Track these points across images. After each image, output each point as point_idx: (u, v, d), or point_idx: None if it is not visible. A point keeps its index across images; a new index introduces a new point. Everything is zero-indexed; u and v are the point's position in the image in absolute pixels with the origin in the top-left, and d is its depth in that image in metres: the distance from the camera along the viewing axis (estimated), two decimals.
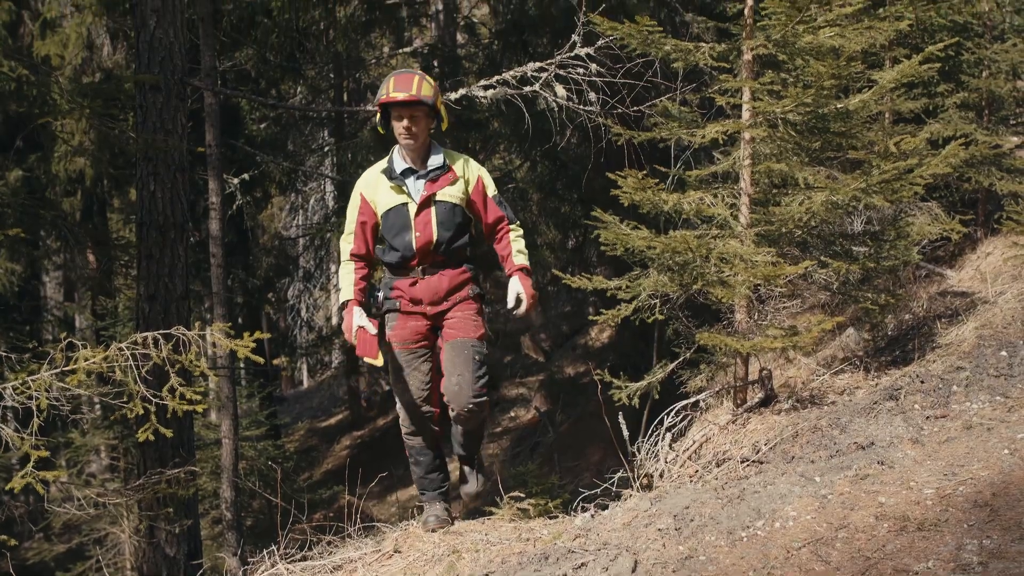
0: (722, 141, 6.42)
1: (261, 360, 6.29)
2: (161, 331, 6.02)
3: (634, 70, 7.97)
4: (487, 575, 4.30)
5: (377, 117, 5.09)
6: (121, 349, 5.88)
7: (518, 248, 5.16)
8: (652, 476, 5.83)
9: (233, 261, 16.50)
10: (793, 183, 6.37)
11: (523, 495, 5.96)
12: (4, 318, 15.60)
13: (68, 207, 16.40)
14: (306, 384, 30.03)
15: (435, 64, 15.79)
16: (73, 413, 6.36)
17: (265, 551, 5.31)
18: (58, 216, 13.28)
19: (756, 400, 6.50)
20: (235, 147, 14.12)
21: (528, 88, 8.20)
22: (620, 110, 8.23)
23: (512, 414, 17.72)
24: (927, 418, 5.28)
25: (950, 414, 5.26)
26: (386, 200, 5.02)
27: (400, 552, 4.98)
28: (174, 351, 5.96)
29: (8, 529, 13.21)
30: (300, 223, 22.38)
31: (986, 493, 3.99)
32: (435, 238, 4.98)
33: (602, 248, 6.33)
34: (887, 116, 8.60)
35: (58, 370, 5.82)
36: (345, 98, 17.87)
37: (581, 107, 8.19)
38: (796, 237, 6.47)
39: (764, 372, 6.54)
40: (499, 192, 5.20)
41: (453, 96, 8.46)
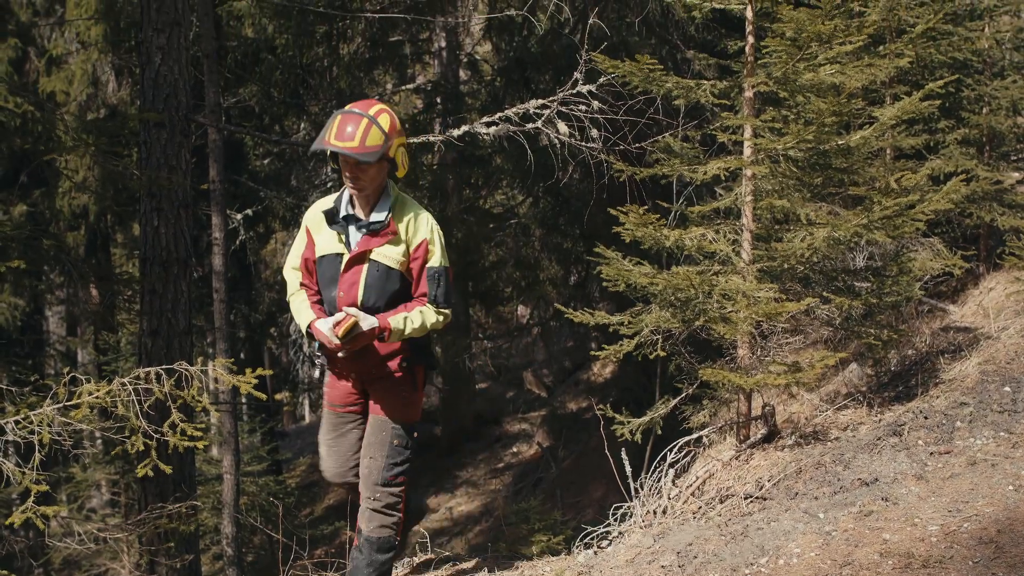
0: (724, 177, 6.45)
1: (264, 396, 6.29)
2: (164, 366, 6.01)
3: (636, 107, 8.01)
4: None
5: (329, 153, 4.36)
6: (123, 384, 5.88)
7: (410, 317, 4.35)
8: (655, 512, 5.81)
9: (236, 296, 16.53)
10: (795, 219, 6.39)
11: (526, 531, 5.94)
12: (7, 352, 15.61)
13: (72, 242, 16.45)
14: (308, 419, 29.96)
15: (438, 101, 15.87)
16: (75, 448, 6.35)
17: None
18: (61, 251, 13.28)
19: (759, 436, 6.49)
20: (238, 183, 14.18)
21: (530, 125, 8.25)
22: (622, 146, 8.27)
23: (514, 449, 17.67)
24: (931, 454, 5.26)
25: (954, 450, 5.25)
26: (324, 244, 4.46)
27: None
28: (176, 386, 5.95)
29: (8, 564, 13.13)
30: None
31: (991, 530, 3.97)
32: (359, 302, 4.34)
33: (604, 283, 6.34)
34: (888, 152, 8.64)
35: (60, 404, 5.81)
36: None
37: (583, 143, 8.23)
38: (798, 273, 6.48)
39: (767, 408, 6.53)
40: (446, 265, 4.47)
41: (456, 133, 8.51)
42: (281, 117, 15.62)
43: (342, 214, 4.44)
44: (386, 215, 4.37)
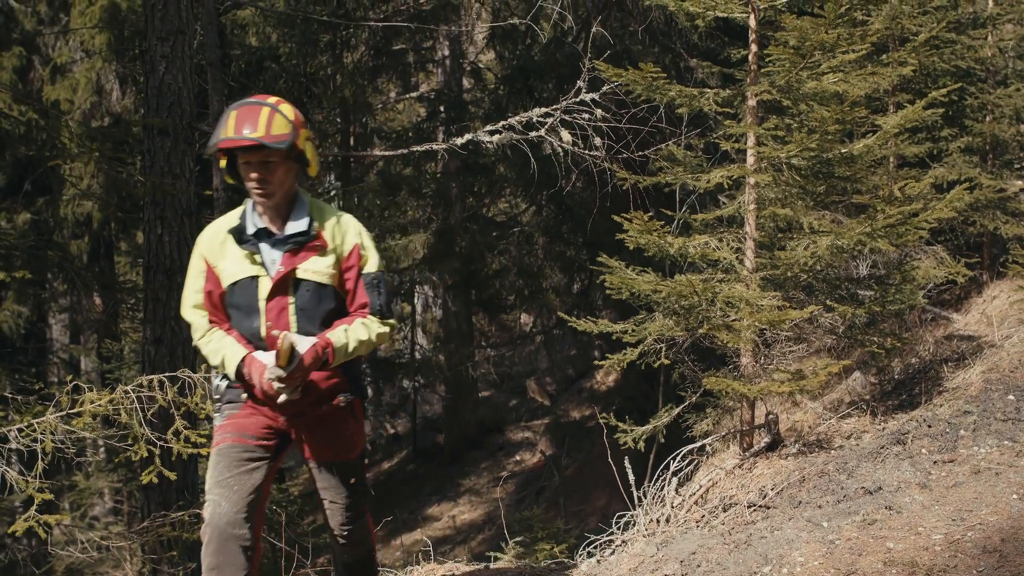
0: (727, 185, 6.45)
1: None
2: (167, 374, 6.03)
3: (639, 115, 8.02)
4: None
5: (222, 162, 3.81)
6: (126, 391, 5.89)
7: (351, 330, 3.76)
8: (658, 521, 5.80)
9: None
10: (798, 227, 6.39)
11: (528, 539, 5.92)
12: (10, 360, 15.60)
13: (75, 250, 16.48)
14: None
15: (441, 109, 15.91)
16: (78, 456, 6.35)
17: None
18: (65, 259, 13.30)
19: (763, 444, 6.48)
20: (241, 191, 14.18)
21: (534, 133, 8.26)
22: (625, 155, 8.28)
23: (517, 458, 17.66)
24: (935, 463, 5.25)
25: (958, 458, 5.24)
26: (232, 269, 3.73)
27: None
28: (180, 394, 5.96)
29: (11, 572, 13.12)
30: None
31: (995, 539, 3.96)
32: (289, 334, 3.61)
33: (607, 292, 6.34)
34: (891, 161, 8.64)
35: (63, 412, 5.82)
36: (352, 142, 17.98)
37: (586, 152, 8.24)
38: (801, 281, 6.48)
39: (770, 416, 6.52)
40: (382, 269, 3.91)
41: (459, 141, 8.52)
42: None
43: (250, 230, 3.74)
44: (308, 223, 3.73)
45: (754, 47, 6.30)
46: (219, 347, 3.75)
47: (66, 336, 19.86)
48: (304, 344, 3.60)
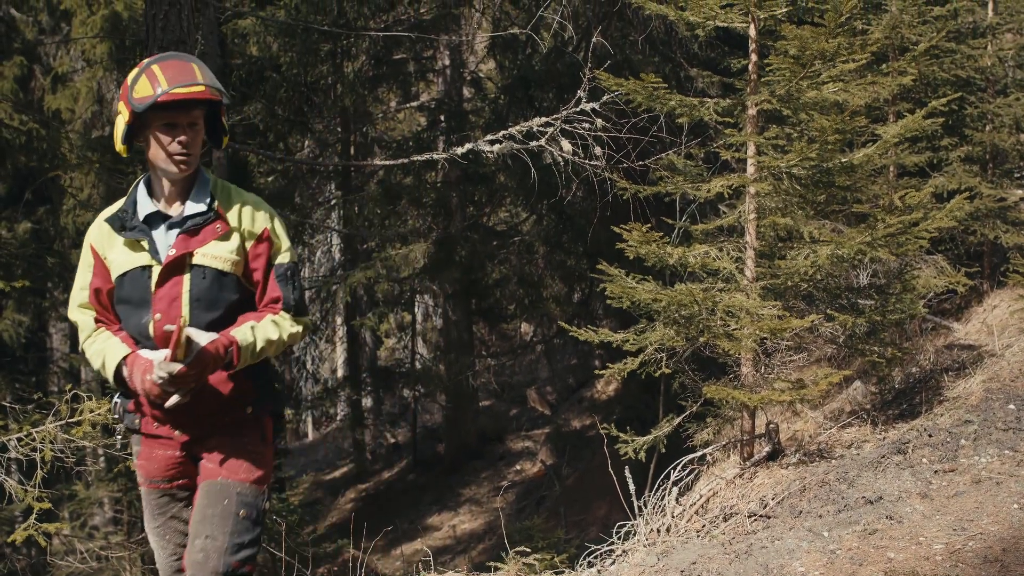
0: (727, 195, 6.45)
1: None
2: None
3: (639, 125, 8.03)
4: None
5: (120, 128, 3.26)
6: None
7: (260, 327, 3.29)
8: (659, 531, 5.79)
9: None
10: (798, 237, 6.39)
11: (529, 550, 5.92)
12: (10, 369, 15.61)
13: (75, 259, 16.48)
14: (311, 436, 29.92)
15: (442, 118, 15.92)
16: (77, 465, 6.34)
17: None
18: (65, 268, 13.31)
19: (763, 454, 6.47)
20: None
21: (534, 143, 8.26)
22: (626, 164, 8.28)
23: (518, 467, 17.63)
24: (935, 472, 5.25)
25: (958, 468, 5.23)
26: (121, 260, 3.29)
27: None
28: None
29: None
30: (306, 275, 22.46)
31: (996, 548, 3.96)
32: (186, 324, 3.15)
33: (608, 301, 6.34)
34: (891, 170, 8.65)
35: (63, 421, 5.82)
36: (352, 152, 18.01)
37: (587, 161, 8.24)
38: (802, 290, 6.48)
39: (771, 425, 6.52)
40: (295, 261, 3.41)
41: (460, 150, 8.52)
42: (285, 135, 15.68)
43: (141, 215, 3.29)
44: (209, 202, 3.29)
45: (754, 56, 6.31)
46: (102, 347, 3.29)
47: (66, 345, 19.86)
48: (203, 338, 3.12)
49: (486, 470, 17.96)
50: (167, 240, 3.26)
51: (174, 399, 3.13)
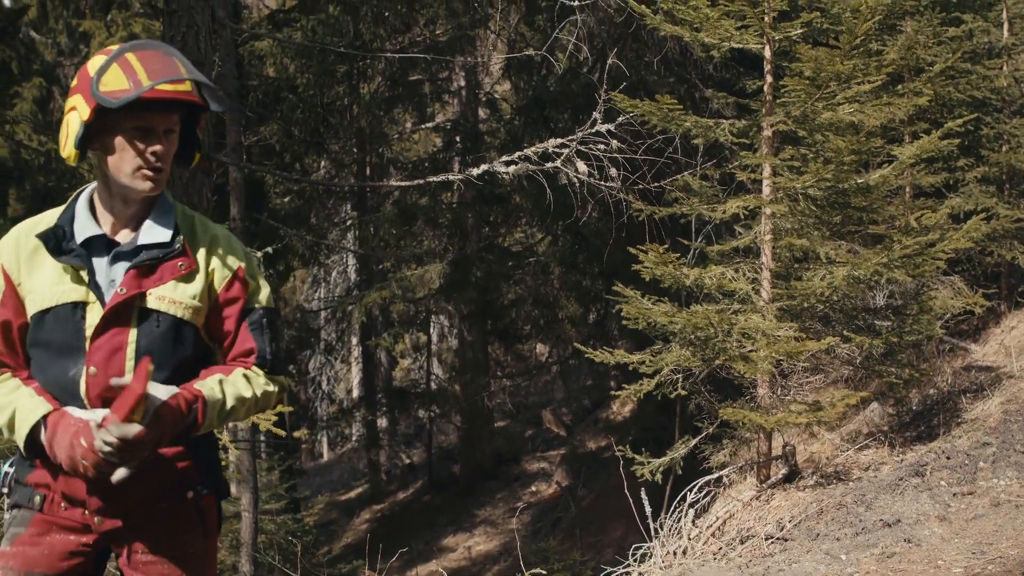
0: (743, 216, 6.46)
1: (283, 432, 6.29)
2: None
3: (655, 146, 8.04)
4: None
5: (75, 128, 2.44)
6: None
7: (230, 381, 2.57)
8: (675, 553, 5.77)
9: None
10: (815, 258, 6.38)
11: (544, 571, 5.90)
12: None
13: None
14: (326, 457, 29.94)
15: (457, 139, 15.98)
16: None
17: None
18: None
19: (780, 476, 6.45)
20: (259, 221, 14.28)
21: (550, 164, 8.27)
22: (641, 185, 8.29)
23: (533, 488, 17.59)
24: (954, 495, 5.22)
25: (977, 491, 5.20)
26: (47, 290, 2.49)
27: None
28: None
29: None
30: (322, 296, 22.56)
31: (1016, 572, 3.93)
32: (150, 377, 2.36)
33: (624, 321, 6.35)
34: (908, 191, 8.63)
35: None
36: (368, 172, 18.08)
37: (602, 183, 8.25)
38: (818, 312, 6.47)
39: (788, 447, 6.49)
40: (271, 307, 2.71)
41: (475, 171, 8.54)
42: (301, 155, 15.76)
43: (79, 237, 2.51)
44: (173, 233, 2.55)
45: (769, 78, 6.32)
46: (8, 400, 2.48)
47: None
48: (162, 392, 2.37)
49: (501, 491, 17.92)
50: (110, 274, 2.49)
51: (121, 472, 2.35)
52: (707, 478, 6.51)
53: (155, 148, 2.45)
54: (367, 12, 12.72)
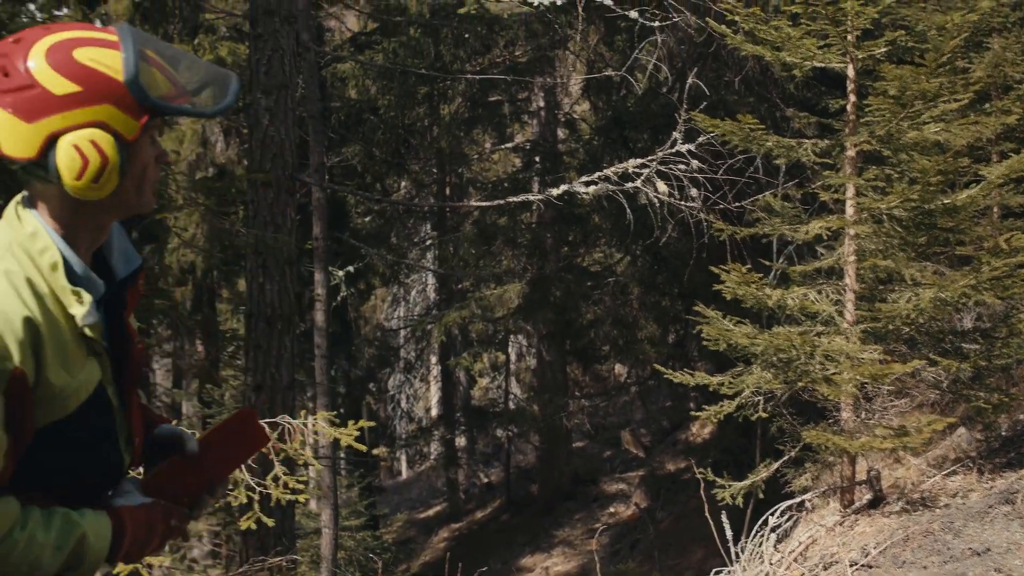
0: (826, 236, 6.38)
1: (364, 448, 6.35)
2: (267, 420, 6.13)
3: (735, 166, 8.00)
4: None
5: (114, 163, 1.74)
6: None
7: None
8: None
9: (336, 352, 16.79)
10: (900, 279, 6.28)
11: None
12: None
13: (179, 297, 16.92)
14: (404, 475, 30.12)
15: (536, 160, 16.03)
16: None
17: None
18: (170, 306, 13.67)
19: (864, 501, 6.34)
20: (341, 240, 14.48)
21: (629, 184, 8.28)
22: (722, 205, 8.25)
23: (612, 510, 17.50)
24: None
25: None
26: (79, 374, 1.77)
27: None
28: (279, 440, 6.06)
29: None
30: (401, 315, 22.76)
31: None
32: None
33: (704, 343, 6.30)
34: (996, 211, 8.45)
35: None
36: (448, 192, 18.24)
37: (682, 202, 8.23)
38: (903, 334, 6.36)
39: (872, 472, 6.38)
40: None
41: (555, 192, 8.58)
42: (383, 176, 15.96)
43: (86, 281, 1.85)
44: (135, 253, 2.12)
45: (852, 97, 6.25)
46: (60, 529, 1.69)
47: (169, 380, 20.34)
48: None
49: (579, 512, 17.86)
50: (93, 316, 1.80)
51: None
52: (789, 502, 6.43)
53: (165, 156, 1.93)
54: (447, 34, 12.87)
